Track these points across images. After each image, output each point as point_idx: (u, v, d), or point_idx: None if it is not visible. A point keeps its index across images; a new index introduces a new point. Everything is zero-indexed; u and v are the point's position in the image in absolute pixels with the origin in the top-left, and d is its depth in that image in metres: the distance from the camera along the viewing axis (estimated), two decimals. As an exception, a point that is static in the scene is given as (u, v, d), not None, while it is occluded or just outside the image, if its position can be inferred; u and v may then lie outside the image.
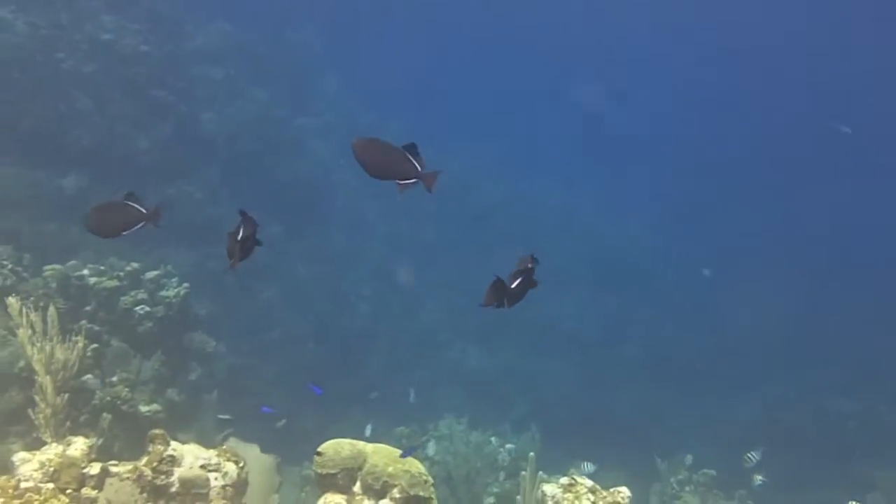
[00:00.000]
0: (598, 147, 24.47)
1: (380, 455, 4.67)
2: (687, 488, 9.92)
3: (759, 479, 9.01)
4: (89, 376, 7.16)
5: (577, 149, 23.85)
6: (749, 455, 8.58)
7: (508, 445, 9.57)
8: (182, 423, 8.35)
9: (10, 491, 3.45)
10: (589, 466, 8.11)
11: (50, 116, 11.85)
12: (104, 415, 7.20)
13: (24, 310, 5.44)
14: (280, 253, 13.49)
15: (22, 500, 3.38)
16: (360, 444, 4.77)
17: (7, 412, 6.86)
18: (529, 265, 3.22)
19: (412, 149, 2.96)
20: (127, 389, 7.47)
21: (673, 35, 30.44)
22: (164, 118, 13.20)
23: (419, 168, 2.98)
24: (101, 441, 7.08)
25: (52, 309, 5.68)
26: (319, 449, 4.70)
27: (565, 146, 23.59)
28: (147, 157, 12.75)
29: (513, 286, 3.14)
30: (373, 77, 22.81)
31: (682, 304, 18.15)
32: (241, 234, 3.08)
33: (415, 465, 4.70)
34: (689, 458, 10.12)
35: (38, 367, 5.33)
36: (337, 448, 4.67)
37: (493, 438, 9.59)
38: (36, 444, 5.84)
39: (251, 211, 3.20)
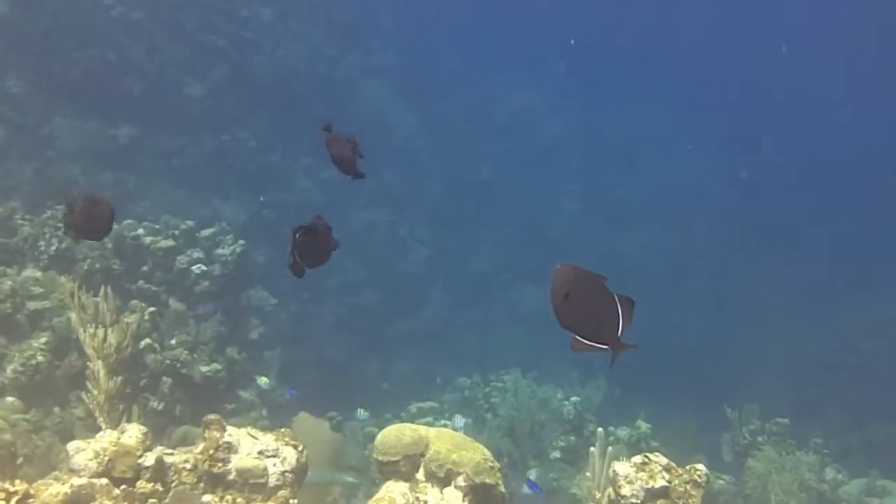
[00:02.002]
0: (658, 79, 23.32)
1: (442, 441, 4.42)
2: (760, 438, 9.55)
3: None
4: (147, 340, 7.08)
5: (635, 82, 22.73)
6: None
7: (573, 398, 9.32)
8: (244, 381, 8.30)
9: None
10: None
11: (101, 66, 11.67)
12: (164, 378, 7.17)
13: (75, 291, 5.24)
14: (335, 198, 13.27)
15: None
16: (423, 429, 4.53)
17: (68, 377, 6.84)
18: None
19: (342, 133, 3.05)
20: (186, 352, 7.40)
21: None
22: (215, 64, 12.90)
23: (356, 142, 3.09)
24: (161, 405, 7.09)
25: (103, 290, 5.49)
26: (379, 437, 4.48)
27: (624, 80, 22.50)
28: (199, 104, 12.54)
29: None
30: (427, 11, 21.98)
31: (747, 236, 17.42)
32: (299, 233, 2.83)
33: (480, 451, 4.45)
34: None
35: (90, 352, 5.19)
36: (398, 434, 4.44)
37: (559, 393, 9.34)
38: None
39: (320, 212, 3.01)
